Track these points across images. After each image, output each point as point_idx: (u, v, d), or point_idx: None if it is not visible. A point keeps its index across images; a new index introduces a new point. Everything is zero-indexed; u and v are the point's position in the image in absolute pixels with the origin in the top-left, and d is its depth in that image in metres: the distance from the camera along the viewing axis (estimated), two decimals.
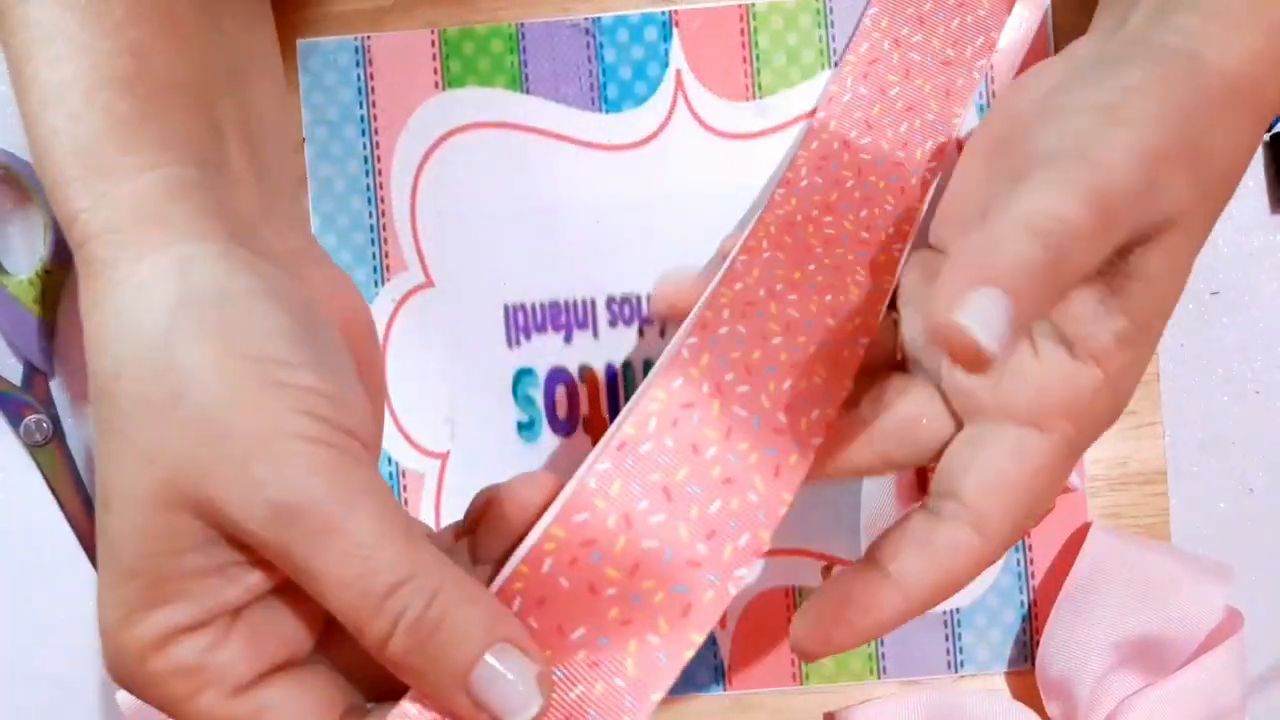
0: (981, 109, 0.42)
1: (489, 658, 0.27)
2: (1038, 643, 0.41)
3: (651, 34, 0.42)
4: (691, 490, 0.31)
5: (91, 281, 0.28)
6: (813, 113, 0.42)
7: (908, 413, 0.33)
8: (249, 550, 0.27)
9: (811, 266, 0.37)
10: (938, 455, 0.33)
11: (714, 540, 0.30)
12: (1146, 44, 0.31)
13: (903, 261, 0.37)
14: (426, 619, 0.26)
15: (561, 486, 0.31)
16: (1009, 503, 0.31)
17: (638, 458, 0.31)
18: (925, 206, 0.39)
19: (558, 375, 0.42)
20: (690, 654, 0.29)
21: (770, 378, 0.33)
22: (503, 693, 0.27)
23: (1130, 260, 0.29)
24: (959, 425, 0.33)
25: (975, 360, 0.24)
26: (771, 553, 0.42)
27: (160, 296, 0.27)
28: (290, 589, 0.28)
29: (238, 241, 0.29)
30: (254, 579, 0.28)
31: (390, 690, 0.29)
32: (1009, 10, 0.41)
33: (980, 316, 0.24)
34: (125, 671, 0.27)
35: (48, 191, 0.30)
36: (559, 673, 0.29)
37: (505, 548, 0.31)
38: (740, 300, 0.34)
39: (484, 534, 0.31)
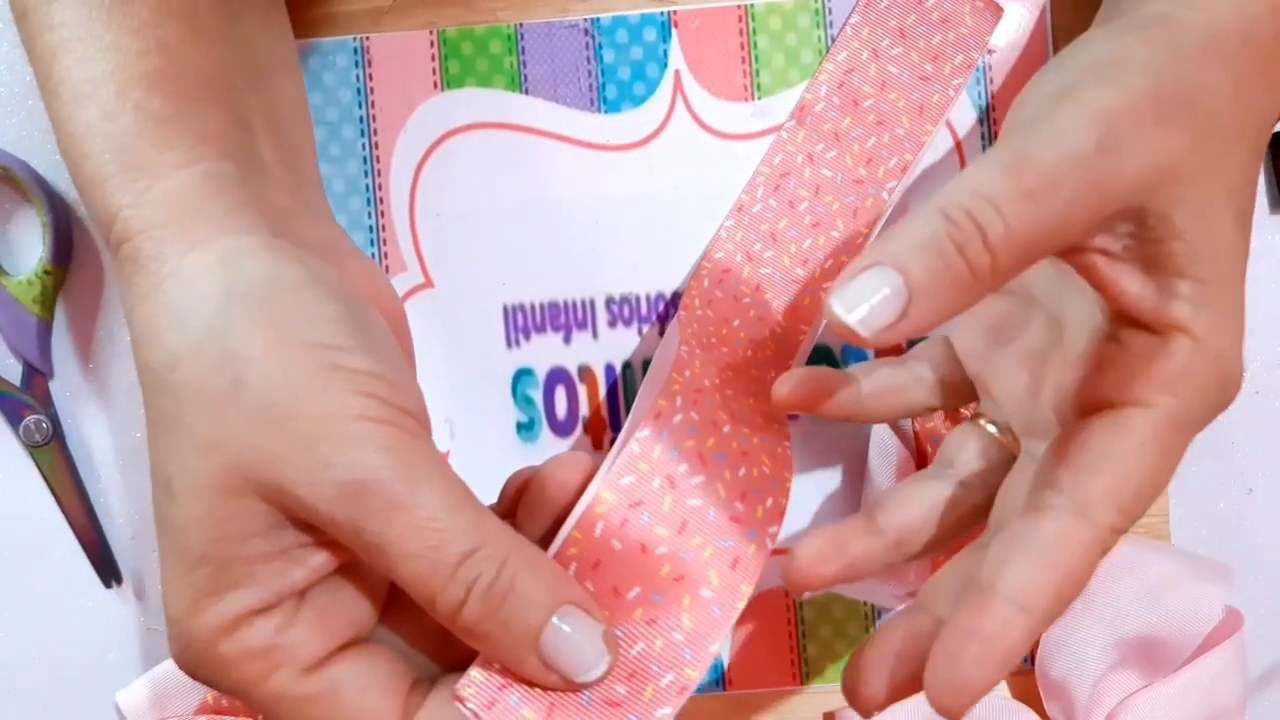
0: (980, 110, 0.42)
1: (557, 620, 0.27)
2: (1037, 643, 0.41)
3: (650, 34, 0.42)
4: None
5: (134, 277, 0.29)
6: (791, 113, 0.42)
7: (893, 382, 0.36)
8: (314, 531, 0.28)
9: (736, 322, 0.39)
10: (909, 413, 0.35)
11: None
12: (1126, 18, 0.30)
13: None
14: (498, 585, 0.27)
15: (595, 468, 0.32)
16: (1112, 484, 0.28)
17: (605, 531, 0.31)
18: (878, 229, 0.40)
19: (557, 375, 0.42)
20: (741, 605, 0.30)
21: (724, 465, 0.33)
22: (572, 653, 0.27)
23: (1151, 225, 0.27)
24: (948, 404, 0.34)
25: (851, 335, 0.24)
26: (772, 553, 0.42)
27: (211, 289, 0.28)
28: (352, 567, 0.29)
29: (277, 233, 0.30)
30: (319, 560, 0.28)
31: (454, 659, 0.30)
32: (991, 30, 0.41)
33: (856, 296, 0.24)
34: (195, 658, 0.28)
35: (82, 190, 0.30)
36: (619, 632, 0.29)
37: (546, 527, 0.31)
38: (690, 387, 0.34)
39: (524, 514, 0.32)
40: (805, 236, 0.41)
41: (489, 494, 0.32)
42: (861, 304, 0.24)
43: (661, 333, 0.42)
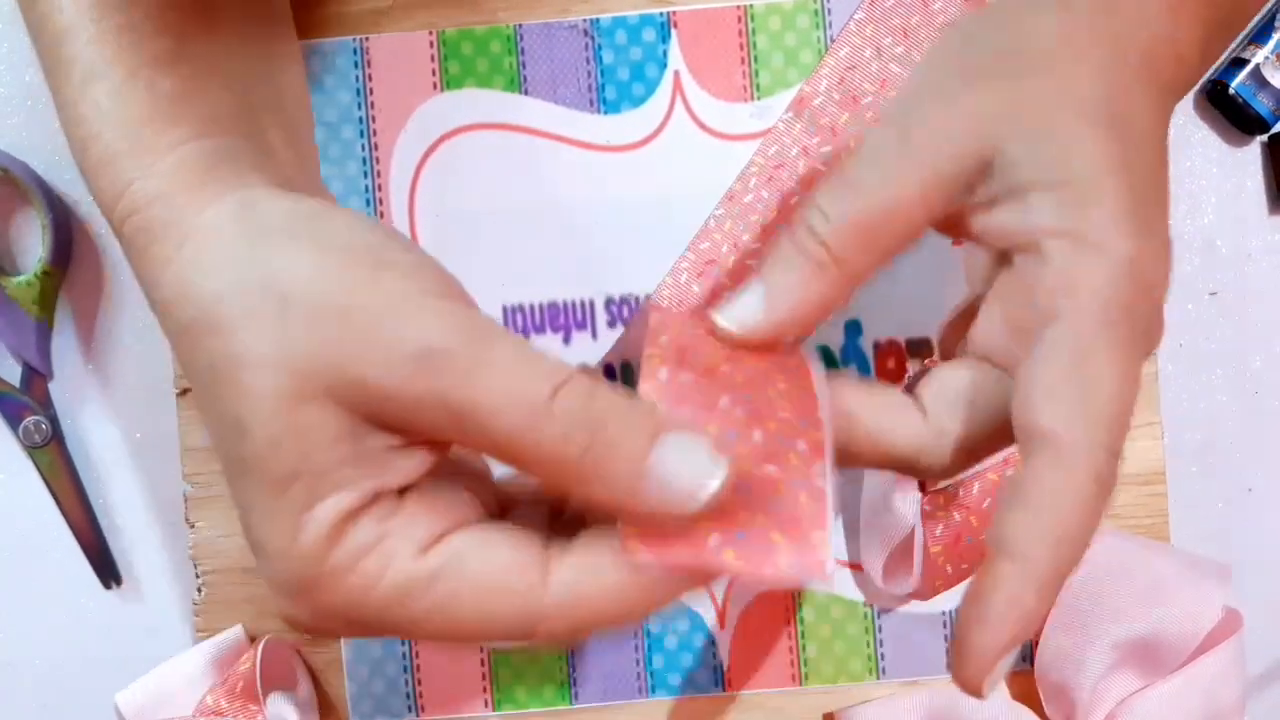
0: None
1: (662, 442, 0.26)
2: (1037, 643, 0.41)
3: (650, 35, 0.42)
4: None
5: (151, 248, 0.29)
6: (788, 105, 0.42)
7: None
8: (397, 433, 0.27)
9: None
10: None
11: None
12: None
13: None
14: (594, 412, 0.26)
15: None
16: (1065, 404, 0.27)
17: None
18: None
19: None
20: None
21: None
22: (684, 469, 0.26)
23: (998, 167, 0.29)
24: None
25: (730, 338, 0.29)
26: None
27: (237, 230, 0.28)
28: (449, 470, 0.29)
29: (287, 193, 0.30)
30: (409, 463, 0.27)
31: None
32: None
33: (729, 305, 0.29)
34: (308, 581, 0.27)
35: (89, 172, 0.30)
36: (732, 434, 0.28)
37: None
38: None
39: None
40: None
41: None
42: (733, 310, 0.29)
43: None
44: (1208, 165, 0.43)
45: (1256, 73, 0.42)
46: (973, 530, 0.39)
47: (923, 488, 0.39)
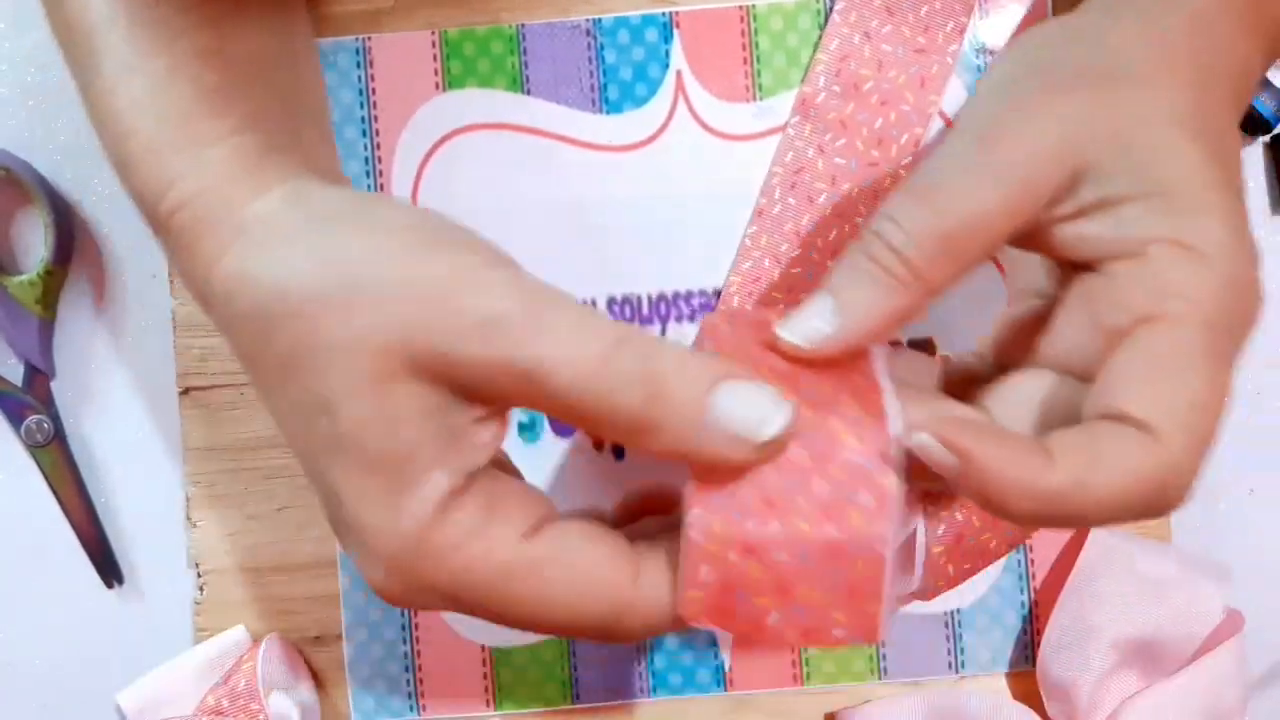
0: None
1: (723, 387, 0.27)
2: (1038, 643, 0.41)
3: (652, 35, 0.42)
4: None
5: (201, 242, 0.29)
6: (792, 109, 0.42)
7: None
8: (479, 403, 0.28)
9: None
10: None
11: None
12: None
13: None
14: (651, 364, 0.27)
15: None
16: (1170, 394, 0.27)
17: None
18: None
19: None
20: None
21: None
22: (748, 410, 0.27)
23: (1091, 180, 0.28)
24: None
25: (798, 351, 0.29)
26: None
27: (294, 217, 0.29)
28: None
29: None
30: (488, 434, 0.28)
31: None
32: None
33: (796, 319, 0.29)
34: (410, 562, 0.27)
35: (126, 165, 0.30)
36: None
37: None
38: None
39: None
40: (830, 228, 0.41)
41: None
42: (800, 324, 0.29)
43: (663, 333, 0.42)
44: None
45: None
46: (974, 530, 0.39)
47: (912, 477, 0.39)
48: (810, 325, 0.29)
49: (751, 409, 0.27)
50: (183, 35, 0.30)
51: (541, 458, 0.42)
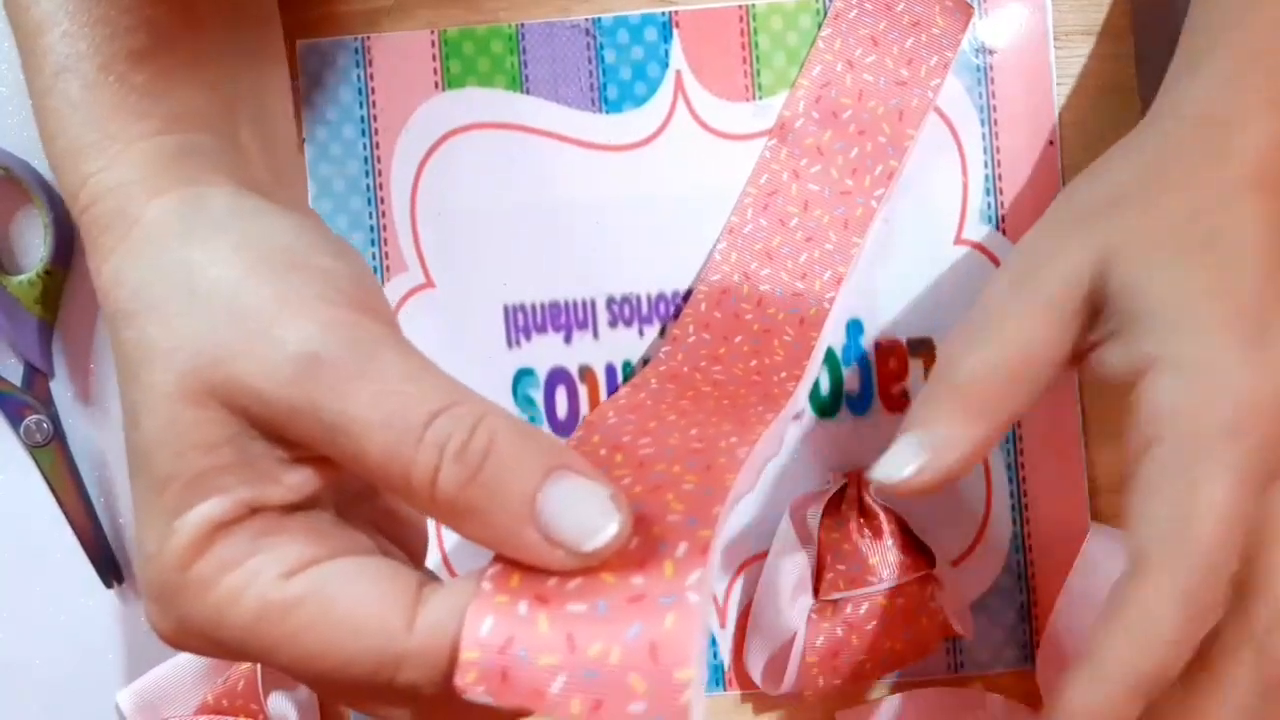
0: (981, 111, 0.42)
1: (551, 483, 0.24)
2: (1038, 643, 0.41)
3: (651, 35, 0.42)
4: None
5: (101, 238, 0.28)
6: (769, 132, 0.42)
7: None
8: (287, 446, 0.26)
9: (739, 338, 0.40)
10: None
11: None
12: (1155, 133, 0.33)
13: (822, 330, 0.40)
14: (474, 444, 0.24)
15: None
16: (1162, 519, 0.27)
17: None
18: (869, 238, 0.41)
19: (558, 376, 0.42)
20: (763, 431, 0.31)
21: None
22: (575, 517, 0.24)
23: (1105, 305, 0.30)
24: None
25: (892, 490, 0.30)
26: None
27: (175, 224, 0.28)
28: (346, 504, 0.27)
29: (246, 193, 0.29)
30: (297, 479, 0.26)
31: None
32: (964, 28, 0.41)
33: (894, 460, 0.31)
34: (170, 592, 0.25)
35: (56, 163, 0.30)
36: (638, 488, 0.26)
37: None
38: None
39: None
40: (800, 251, 0.41)
41: None
42: (889, 467, 0.31)
43: (663, 333, 0.42)
44: None
45: None
46: (851, 649, 0.39)
47: (815, 594, 0.39)
48: (902, 464, 0.31)
49: (583, 512, 0.24)
50: (118, 36, 0.30)
51: None
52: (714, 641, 0.42)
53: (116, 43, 0.30)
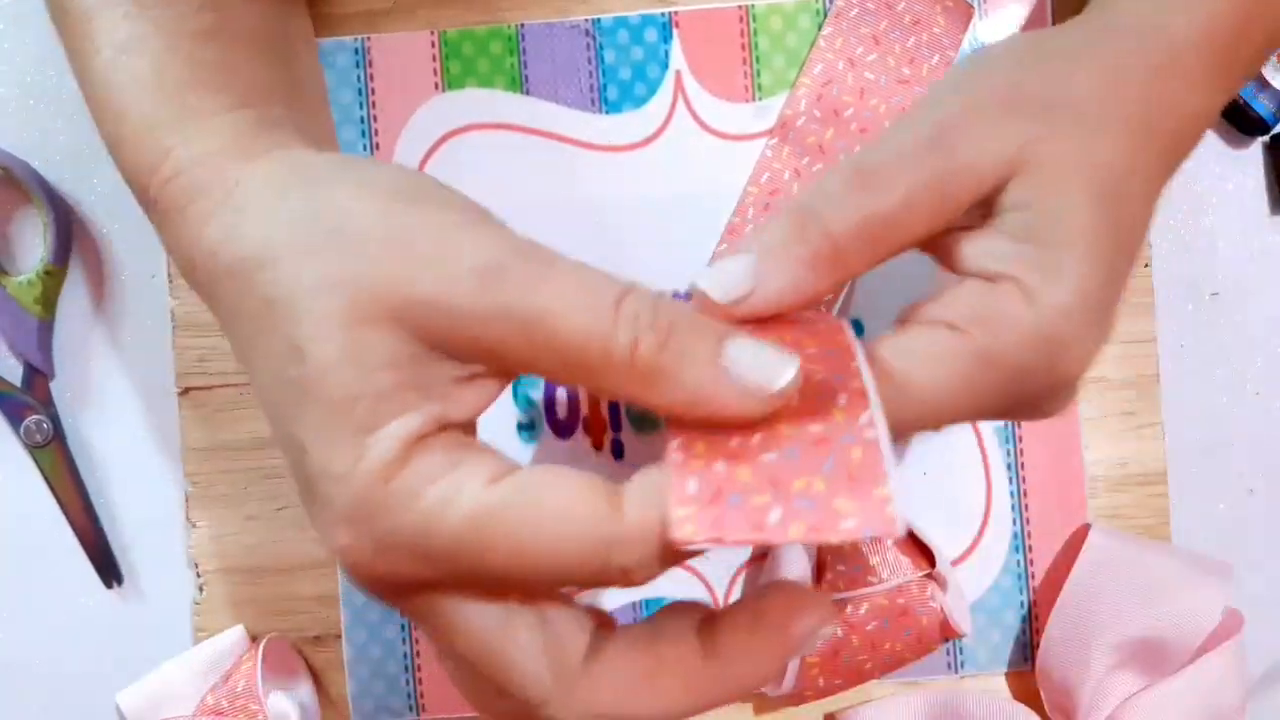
0: None
1: (730, 342, 0.26)
2: (1038, 643, 0.41)
3: (651, 35, 0.42)
4: None
5: (193, 204, 0.29)
6: (771, 130, 0.42)
7: None
8: (465, 359, 0.27)
9: None
10: None
11: None
12: (1084, 18, 0.32)
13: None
14: (661, 317, 0.26)
15: None
16: (911, 386, 0.29)
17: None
18: None
19: None
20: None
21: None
22: (759, 361, 0.26)
23: (998, 200, 0.30)
24: None
25: (709, 305, 0.28)
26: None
27: (284, 177, 0.28)
28: None
29: None
30: (474, 395, 0.27)
31: None
32: (965, 27, 0.41)
33: (714, 272, 0.28)
34: (369, 509, 0.26)
35: (123, 144, 0.30)
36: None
37: None
38: None
39: None
40: None
41: None
42: (717, 277, 0.28)
43: None
44: (1209, 166, 0.43)
45: (1258, 75, 0.42)
46: (852, 650, 0.39)
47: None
48: (728, 280, 0.28)
49: (763, 362, 0.26)
50: (182, 18, 0.31)
51: (541, 458, 0.42)
52: None
53: (184, 21, 0.31)
